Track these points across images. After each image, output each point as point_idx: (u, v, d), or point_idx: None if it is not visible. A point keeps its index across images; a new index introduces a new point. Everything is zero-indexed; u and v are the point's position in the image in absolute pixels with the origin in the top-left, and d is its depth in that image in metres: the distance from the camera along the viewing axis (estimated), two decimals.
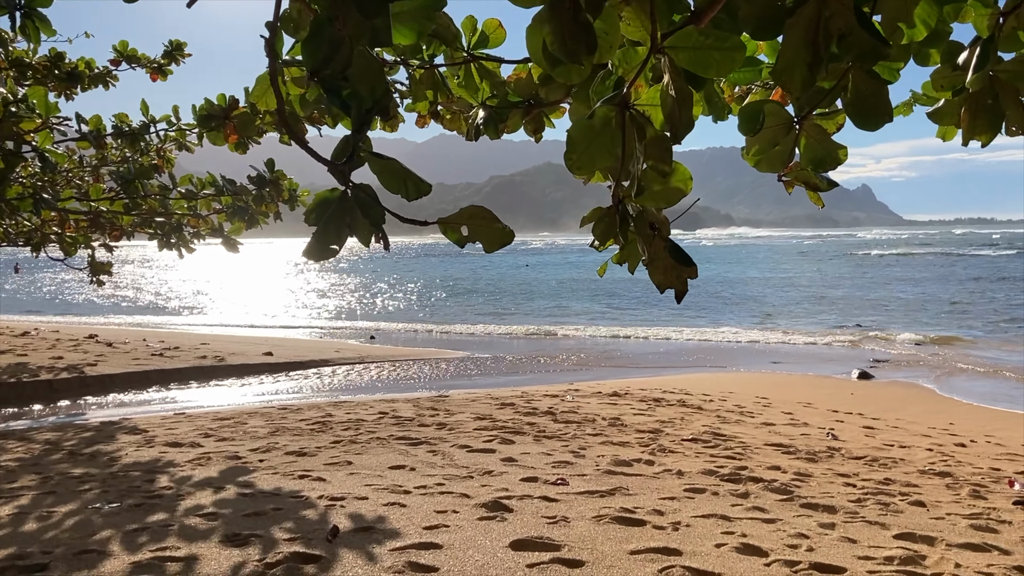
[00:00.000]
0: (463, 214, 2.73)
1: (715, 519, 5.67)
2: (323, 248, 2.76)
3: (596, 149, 2.36)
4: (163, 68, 10.02)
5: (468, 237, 2.67)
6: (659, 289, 2.83)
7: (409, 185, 2.87)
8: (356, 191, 2.77)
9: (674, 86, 2.21)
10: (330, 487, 6.53)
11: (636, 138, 2.29)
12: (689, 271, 2.76)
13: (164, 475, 7.04)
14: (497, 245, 2.70)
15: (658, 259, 2.83)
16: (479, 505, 5.93)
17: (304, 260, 2.66)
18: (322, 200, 2.76)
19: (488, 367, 17.54)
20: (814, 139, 2.78)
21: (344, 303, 39.46)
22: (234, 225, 9.39)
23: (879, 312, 29.16)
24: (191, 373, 15.70)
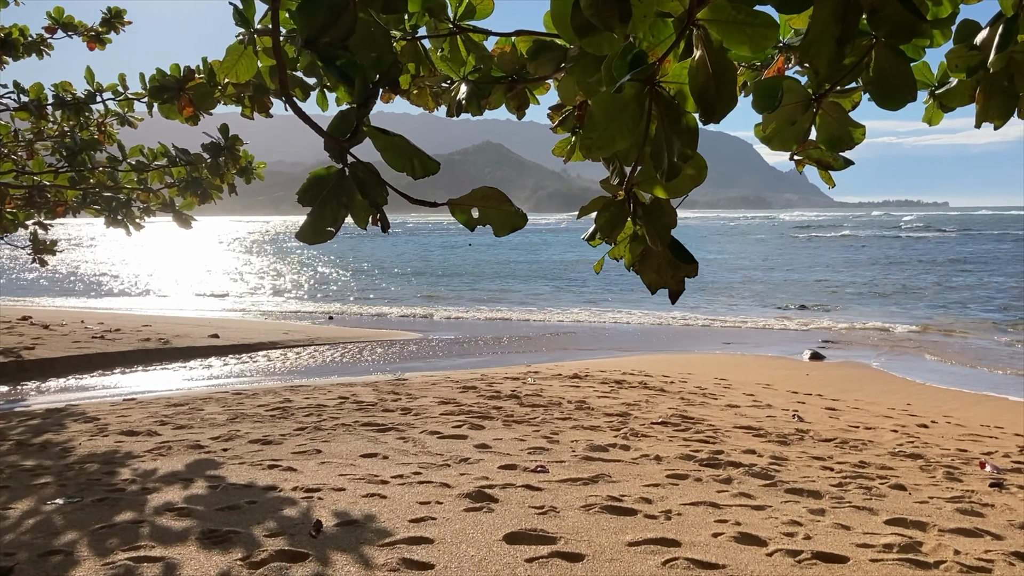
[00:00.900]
0: (474, 195, 2.53)
1: (704, 507, 5.59)
2: (319, 230, 2.54)
3: (616, 128, 2.18)
4: (101, 36, 9.52)
5: (478, 219, 2.47)
6: (650, 289, 2.65)
7: (416, 163, 2.66)
8: (355, 169, 2.55)
9: (711, 61, 2.03)
10: (303, 478, 6.28)
11: (663, 118, 2.12)
12: (688, 269, 2.59)
13: (124, 467, 6.70)
14: (508, 229, 2.50)
15: (652, 255, 2.66)
16: (463, 495, 5.75)
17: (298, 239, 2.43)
18: (317, 179, 2.54)
19: (442, 349, 17.31)
20: (831, 117, 2.64)
21: (286, 284, 38.76)
22: (186, 200, 8.99)
23: (822, 293, 29.67)
24: (135, 357, 15.16)
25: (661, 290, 2.51)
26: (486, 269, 45.84)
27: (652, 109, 2.12)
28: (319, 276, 42.82)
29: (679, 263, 2.61)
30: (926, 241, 69.11)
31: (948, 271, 37.98)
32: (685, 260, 2.58)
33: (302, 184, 2.53)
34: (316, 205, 2.51)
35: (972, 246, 59.44)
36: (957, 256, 48.41)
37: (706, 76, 2.06)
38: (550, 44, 3.40)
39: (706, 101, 2.08)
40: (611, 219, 2.57)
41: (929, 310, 23.84)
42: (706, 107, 2.08)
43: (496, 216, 2.46)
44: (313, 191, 2.53)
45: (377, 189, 2.64)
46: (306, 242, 2.65)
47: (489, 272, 43.62)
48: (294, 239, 22.56)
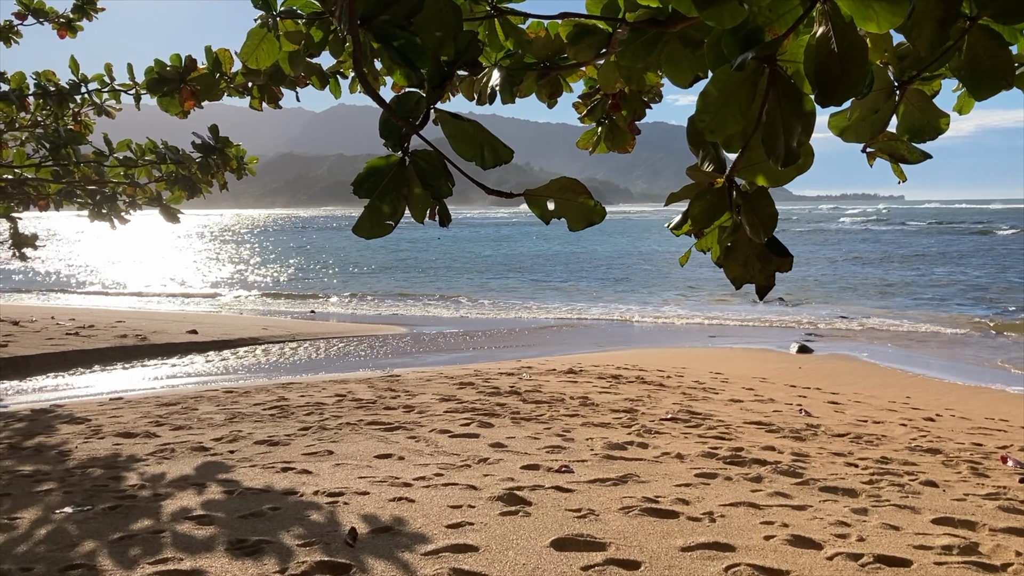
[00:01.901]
0: (552, 186, 2.33)
1: (744, 507, 5.44)
2: (377, 223, 2.36)
3: (729, 109, 1.99)
4: (72, 24, 9.15)
5: (554, 212, 2.27)
6: (734, 284, 2.46)
7: (486, 151, 2.46)
8: (416, 158, 2.34)
9: (838, 38, 1.84)
10: (321, 481, 6.03)
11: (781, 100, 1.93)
12: (781, 263, 2.39)
13: (129, 471, 6.39)
14: (583, 223, 2.30)
15: (739, 248, 2.46)
16: (494, 498, 5.54)
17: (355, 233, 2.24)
18: (374, 169, 2.34)
19: (428, 344, 17.05)
20: (915, 106, 2.46)
21: (255, 278, 38.17)
22: (174, 194, 8.66)
23: (795, 286, 29.85)
24: (114, 354, 14.72)
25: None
26: (457, 263, 45.57)
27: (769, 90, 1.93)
28: (289, 271, 42.26)
29: (771, 256, 2.41)
30: (891, 234, 70.01)
31: (915, 264, 38.42)
32: (780, 253, 2.39)
33: (358, 174, 2.33)
34: (374, 197, 2.30)
35: (933, 239, 60.29)
36: (922, 250, 49.04)
37: (827, 55, 1.86)
38: (592, 28, 3.19)
39: (827, 82, 1.87)
40: (708, 208, 2.36)
41: (906, 302, 24.01)
42: (827, 88, 1.87)
43: (572, 209, 2.26)
44: (371, 182, 2.33)
45: (441, 179, 2.42)
46: (364, 237, 2.43)
47: (460, 266, 43.36)
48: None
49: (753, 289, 2.44)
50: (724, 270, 2.49)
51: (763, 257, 2.41)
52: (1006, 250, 45.61)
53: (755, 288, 2.42)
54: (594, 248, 57.85)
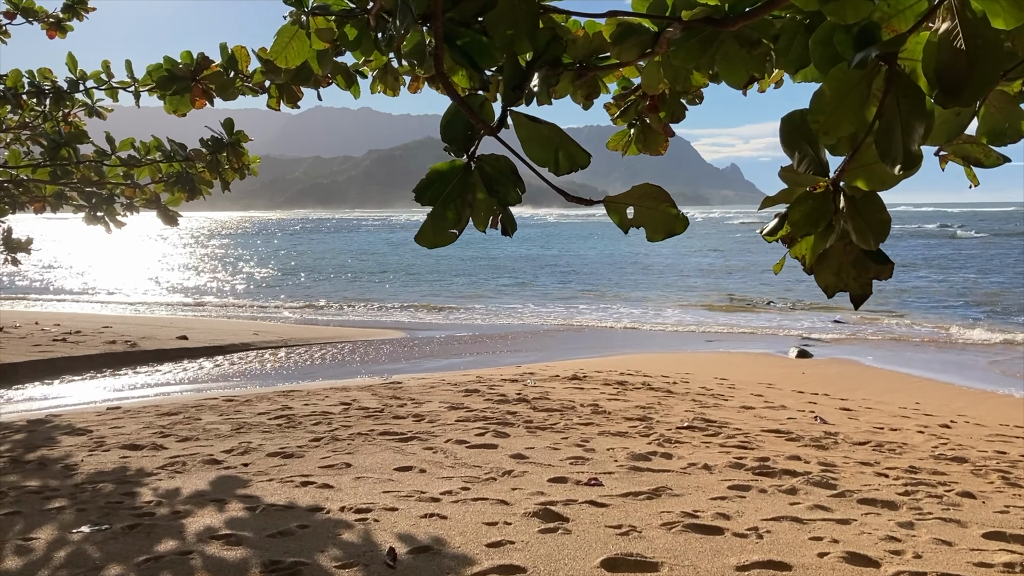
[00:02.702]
0: (633, 193, 2.18)
1: (788, 522, 5.29)
2: (441, 232, 2.21)
3: (844, 110, 1.85)
4: (62, 24, 8.88)
5: (632, 220, 2.11)
6: (826, 293, 2.30)
7: (561, 156, 2.30)
8: (483, 163, 2.17)
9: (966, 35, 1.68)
10: (345, 496, 5.82)
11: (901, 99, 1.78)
12: (881, 270, 2.23)
13: (142, 486, 6.15)
14: (663, 233, 2.14)
15: (832, 255, 2.30)
16: (529, 515, 5.35)
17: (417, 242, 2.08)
18: (438, 174, 2.18)
19: (423, 350, 16.83)
20: (996, 107, 2.30)
21: (235, 282, 37.72)
22: (173, 195, 8.41)
23: (788, 289, 29.88)
24: (103, 360, 14.38)
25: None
26: (442, 265, 45.31)
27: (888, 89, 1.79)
28: (271, 275, 41.84)
29: (869, 264, 2.24)
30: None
31: (899, 267, 38.60)
32: (879, 260, 2.22)
33: (421, 180, 2.17)
34: (438, 204, 2.13)
35: (911, 242, 60.74)
36: (904, 252, 49.36)
37: (952, 53, 1.70)
38: (637, 27, 3.02)
39: (952, 82, 1.71)
40: (810, 213, 2.19)
41: (897, 306, 24.04)
42: (952, 88, 1.71)
43: (653, 218, 2.10)
44: (435, 188, 2.17)
45: (509, 185, 2.25)
46: (426, 246, 2.27)
47: (445, 269, 43.10)
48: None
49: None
50: (815, 278, 2.33)
51: (859, 264, 2.25)
52: (976, 253, 45.92)
53: (850, 297, 2.26)
54: (578, 251, 57.80)
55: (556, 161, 2.28)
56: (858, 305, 2.27)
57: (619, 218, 2.10)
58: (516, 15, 2.44)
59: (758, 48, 2.64)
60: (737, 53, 2.63)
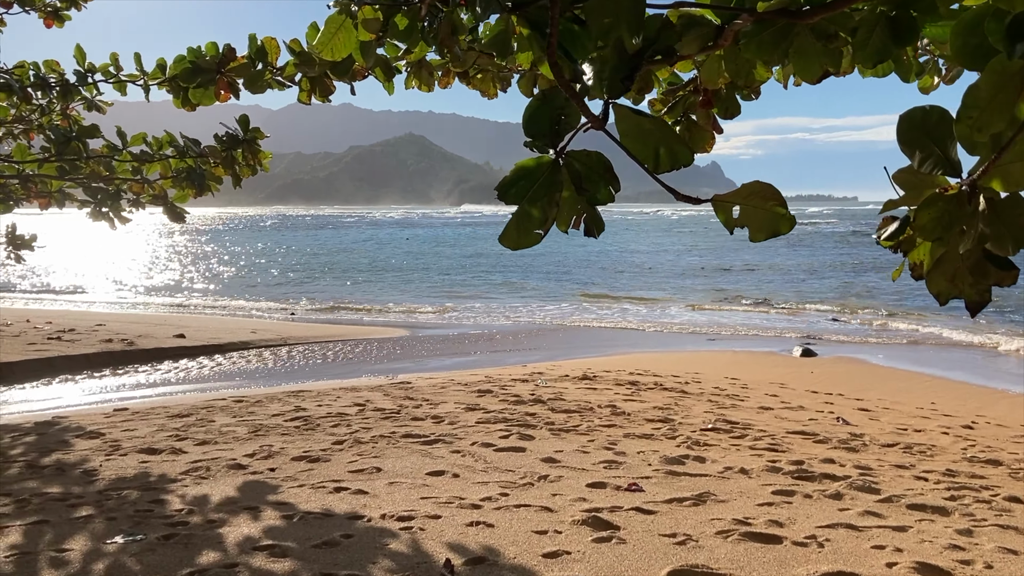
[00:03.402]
0: (742, 191, 2.02)
1: (844, 529, 5.17)
2: (525, 232, 2.10)
3: (996, 105, 1.71)
4: (60, 13, 8.64)
5: (737, 220, 1.96)
6: (939, 300, 2.15)
7: (663, 152, 2.13)
8: (572, 159, 2.01)
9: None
10: (383, 503, 5.65)
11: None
12: (1003, 276, 2.08)
13: (168, 493, 5.95)
14: (766, 233, 1.98)
15: (947, 260, 2.15)
16: (577, 523, 5.21)
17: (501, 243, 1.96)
18: (524, 171, 2.04)
19: (425, 348, 16.63)
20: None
21: (225, 278, 37.33)
22: (180, 192, 8.19)
23: (785, 288, 29.90)
24: (101, 359, 14.09)
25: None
26: (433, 264, 45.09)
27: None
28: (259, 272, 41.46)
29: (990, 269, 2.08)
30: (853, 235, 70.87)
31: (880, 264, 38.72)
32: (1002, 266, 2.07)
33: (505, 177, 2.04)
34: (524, 202, 1.96)
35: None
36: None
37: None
38: (699, 19, 2.87)
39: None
40: (941, 217, 2.02)
41: (890, 304, 24.02)
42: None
43: (757, 217, 1.93)
44: (520, 186, 2.02)
45: (600, 183, 2.10)
46: (509, 247, 2.12)
47: (435, 266, 42.89)
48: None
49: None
50: (927, 284, 2.18)
51: (978, 270, 2.09)
52: None
53: (965, 304, 2.11)
54: (564, 249, 57.75)
55: (656, 158, 2.12)
56: (974, 313, 2.12)
57: (725, 217, 1.95)
58: (619, 2, 2.27)
59: (835, 41, 2.50)
60: (812, 46, 2.49)
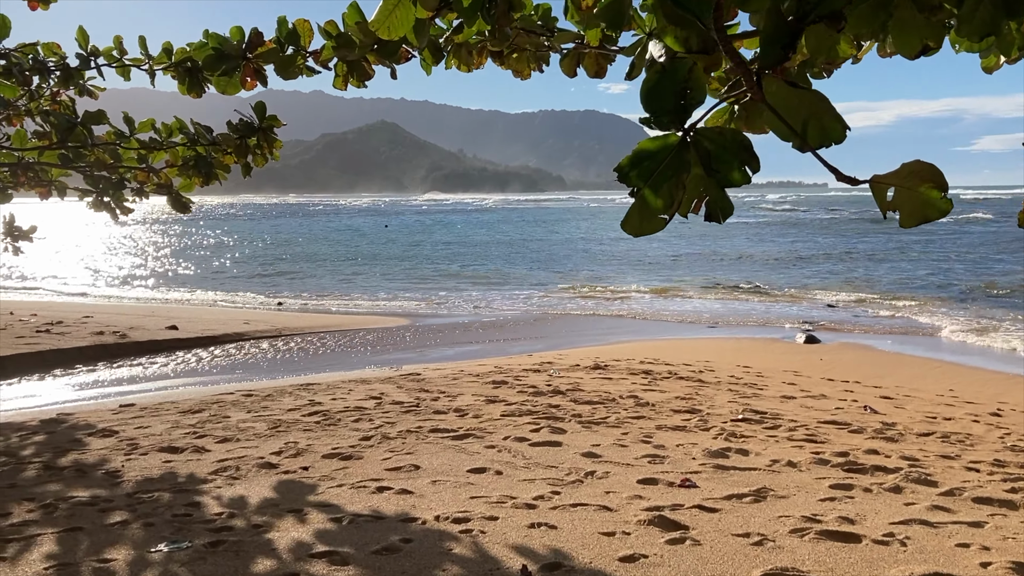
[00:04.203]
0: (901, 171, 1.81)
1: (919, 525, 4.99)
2: (649, 217, 1.80)
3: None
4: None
5: (891, 203, 1.75)
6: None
7: (811, 127, 1.91)
8: (701, 137, 1.77)
9: None
10: (432, 503, 5.40)
11: None
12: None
13: (202, 495, 5.66)
14: (918, 219, 1.77)
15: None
16: (642, 523, 4.99)
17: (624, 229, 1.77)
18: (646, 152, 1.80)
19: (425, 338, 16.34)
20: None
21: (205, 269, 36.74)
22: (185, 181, 7.86)
23: (776, 275, 29.87)
24: (95, 352, 13.68)
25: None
26: (410, 252, 44.71)
27: None
28: (239, 263, 40.87)
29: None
30: (832, 222, 71.24)
31: (868, 249, 38.88)
32: None
33: (623, 159, 1.77)
34: (647, 185, 1.75)
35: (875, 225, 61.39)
36: (862, 234, 49.80)
37: None
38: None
39: None
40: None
41: (886, 290, 24.02)
42: None
43: (910, 201, 1.72)
44: (643, 167, 1.82)
45: (733, 163, 1.86)
46: (632, 233, 1.90)
47: (414, 255, 42.50)
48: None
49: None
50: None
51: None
52: (944, 238, 46.49)
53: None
54: (540, 236, 57.57)
55: (803, 133, 1.89)
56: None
57: (880, 199, 1.73)
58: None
59: (938, 14, 2.29)
60: (913, 19, 2.28)
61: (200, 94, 7.09)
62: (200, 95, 7.12)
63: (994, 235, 45.62)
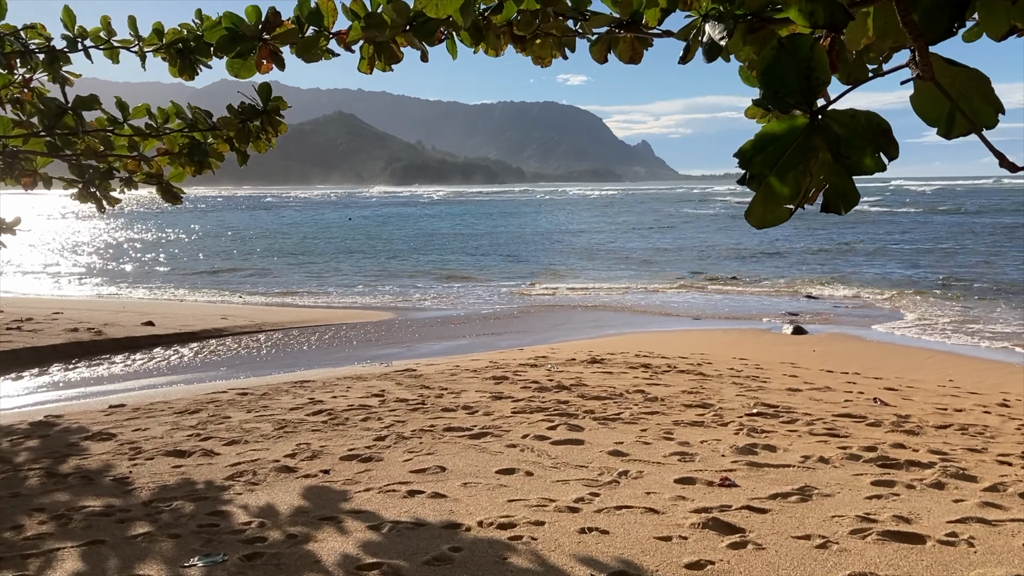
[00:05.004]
0: None
1: (976, 524, 4.88)
2: (772, 207, 1.66)
3: None
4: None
5: None
6: None
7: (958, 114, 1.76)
8: (831, 120, 1.66)
9: None
10: (472, 508, 5.18)
11: None
12: None
13: (224, 503, 5.37)
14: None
15: None
16: (696, 526, 4.82)
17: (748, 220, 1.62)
18: (771, 137, 1.63)
19: (407, 334, 16.04)
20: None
21: (171, 264, 35.93)
22: (176, 170, 7.52)
23: (748, 268, 29.94)
24: (71, 350, 13.19)
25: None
26: (361, 245, 44.22)
27: None
28: (202, 255, 40.06)
29: None
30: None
31: (830, 237, 39.23)
32: None
33: (744, 144, 1.63)
34: (774, 172, 1.61)
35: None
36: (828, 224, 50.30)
37: None
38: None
39: None
40: None
41: (863, 277, 24.17)
42: None
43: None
44: (768, 153, 1.62)
45: (866, 149, 1.71)
46: (755, 225, 1.75)
47: (381, 249, 42.05)
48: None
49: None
50: None
51: None
52: (895, 222, 47.17)
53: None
54: (503, 229, 57.37)
55: (950, 121, 1.73)
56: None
57: None
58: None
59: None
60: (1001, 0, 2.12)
61: (192, 76, 6.74)
62: (192, 77, 6.77)
63: (959, 226, 46.31)
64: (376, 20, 4.35)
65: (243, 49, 4.76)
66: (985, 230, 42.17)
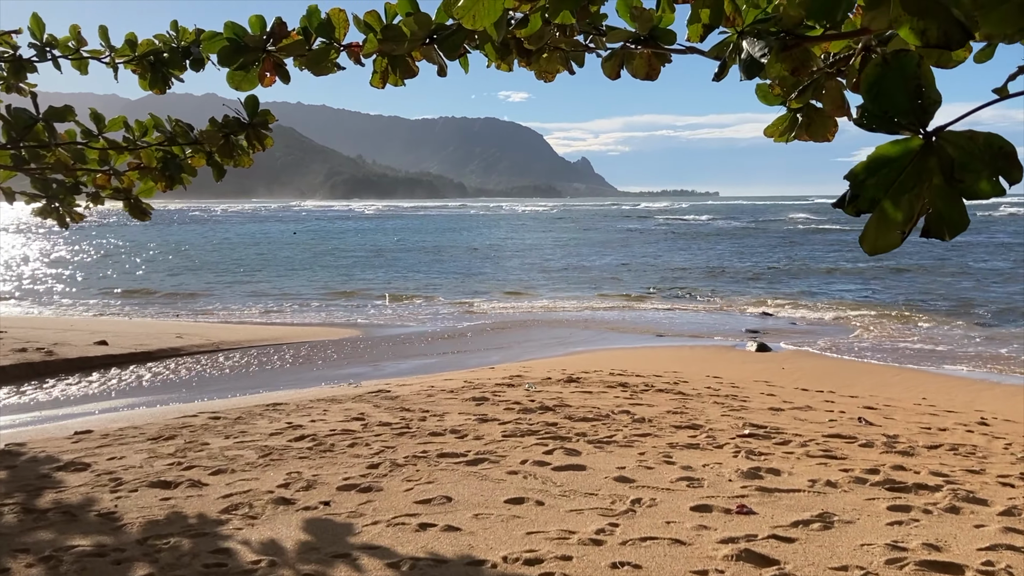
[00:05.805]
0: None
1: (1007, 551, 4.83)
2: (884, 231, 1.60)
3: None
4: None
5: None
6: None
7: None
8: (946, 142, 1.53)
9: None
10: (488, 541, 4.97)
11: None
12: None
13: (224, 539, 5.06)
14: None
15: None
16: (730, 558, 4.68)
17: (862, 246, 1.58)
18: (885, 159, 1.56)
19: (369, 353, 15.71)
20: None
21: (119, 279, 34.87)
22: (146, 184, 7.20)
23: (700, 285, 30.17)
24: (21, 372, 12.59)
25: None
26: (302, 260, 43.57)
27: None
28: (148, 270, 39.00)
29: None
30: (734, 228, 73.06)
31: (781, 255, 39.88)
32: None
33: (856, 166, 1.58)
34: (887, 196, 1.56)
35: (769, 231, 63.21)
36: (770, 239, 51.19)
37: None
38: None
39: None
40: None
41: (814, 294, 24.52)
42: None
43: None
44: (882, 175, 1.57)
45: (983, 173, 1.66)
46: (868, 250, 1.72)
47: (337, 264, 41.46)
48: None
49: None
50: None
51: None
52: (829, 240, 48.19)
53: None
54: (445, 243, 57.11)
55: None
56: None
57: None
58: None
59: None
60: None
61: (164, 90, 6.48)
62: (164, 91, 6.51)
63: (915, 244, 47.32)
64: (394, 33, 4.14)
65: (246, 60, 4.51)
66: (941, 246, 43.26)
